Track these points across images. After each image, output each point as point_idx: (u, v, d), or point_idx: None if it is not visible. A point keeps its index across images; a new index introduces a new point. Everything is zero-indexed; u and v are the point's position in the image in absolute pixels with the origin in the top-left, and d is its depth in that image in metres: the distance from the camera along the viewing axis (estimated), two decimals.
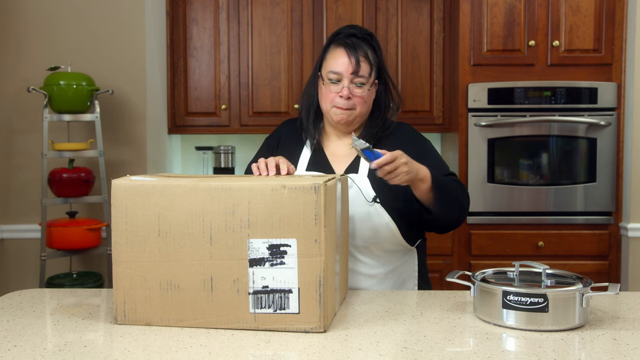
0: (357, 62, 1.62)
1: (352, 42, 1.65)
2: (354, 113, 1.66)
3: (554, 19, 3.15)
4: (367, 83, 1.64)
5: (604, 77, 3.16)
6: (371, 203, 1.60)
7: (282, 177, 1.39)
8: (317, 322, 1.19)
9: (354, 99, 1.64)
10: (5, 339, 1.17)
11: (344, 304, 1.43)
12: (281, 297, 1.20)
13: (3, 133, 3.08)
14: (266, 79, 3.47)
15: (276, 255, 1.19)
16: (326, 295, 1.20)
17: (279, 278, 1.19)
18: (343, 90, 1.63)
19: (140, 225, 1.24)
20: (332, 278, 1.27)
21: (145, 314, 1.25)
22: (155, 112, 3.27)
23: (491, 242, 3.17)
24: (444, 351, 1.10)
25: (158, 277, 1.24)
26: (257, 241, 1.19)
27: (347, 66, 1.62)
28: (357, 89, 1.64)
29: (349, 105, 1.64)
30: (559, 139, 3.16)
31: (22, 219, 3.09)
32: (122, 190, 1.25)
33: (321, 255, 1.18)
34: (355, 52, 1.63)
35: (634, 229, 3.09)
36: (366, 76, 1.63)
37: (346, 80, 1.63)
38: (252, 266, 1.20)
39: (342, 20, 3.43)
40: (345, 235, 1.45)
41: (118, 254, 1.25)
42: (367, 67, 1.64)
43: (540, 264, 1.32)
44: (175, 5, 3.46)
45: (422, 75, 3.46)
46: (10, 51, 3.07)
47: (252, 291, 1.20)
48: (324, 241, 1.18)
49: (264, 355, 1.09)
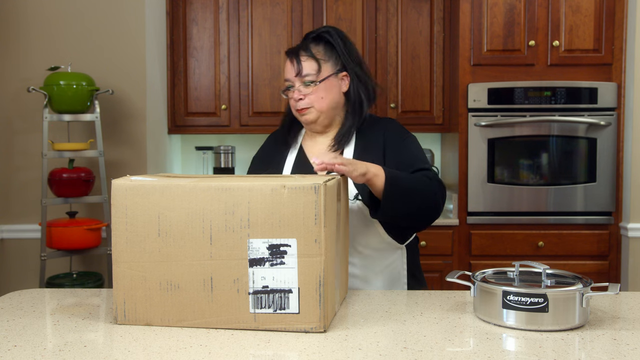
0: (298, 62, 1.68)
1: (295, 47, 1.72)
2: (313, 111, 1.69)
3: (554, 19, 3.15)
4: (317, 79, 1.67)
5: (604, 77, 3.16)
6: (353, 200, 1.61)
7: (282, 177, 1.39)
8: (317, 322, 1.19)
9: (307, 98, 1.68)
10: (5, 339, 1.18)
11: (344, 303, 1.43)
12: (281, 297, 1.20)
13: (3, 133, 3.08)
14: (266, 79, 3.47)
15: (276, 255, 1.19)
16: (326, 295, 1.20)
17: (279, 278, 1.19)
18: (295, 93, 1.69)
19: (140, 225, 1.24)
20: (332, 278, 1.27)
21: (145, 314, 1.25)
22: (155, 112, 3.27)
23: (491, 242, 3.17)
24: (444, 351, 1.10)
25: (158, 277, 1.23)
26: (257, 241, 1.19)
27: (290, 70, 1.69)
28: (306, 88, 1.68)
29: (304, 105, 1.68)
30: (559, 139, 3.16)
31: (22, 219, 3.09)
32: (122, 191, 1.25)
33: (321, 255, 1.18)
34: (296, 55, 1.69)
35: (634, 229, 3.09)
36: (313, 73, 1.67)
37: (296, 83, 1.69)
38: (252, 266, 1.20)
39: (342, 20, 3.44)
40: (344, 235, 1.45)
41: (118, 254, 1.25)
42: (311, 65, 1.67)
43: (540, 264, 1.32)
44: (175, 5, 3.46)
45: (422, 75, 3.46)
46: (10, 51, 3.07)
47: (252, 291, 1.20)
48: (324, 241, 1.18)
49: (264, 355, 1.09)
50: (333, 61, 1.69)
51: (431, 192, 1.54)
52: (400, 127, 1.76)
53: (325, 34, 1.71)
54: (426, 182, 1.54)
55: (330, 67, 1.69)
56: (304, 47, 1.70)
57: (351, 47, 1.73)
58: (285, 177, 1.37)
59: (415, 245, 1.77)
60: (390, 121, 1.77)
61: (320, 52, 1.69)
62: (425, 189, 1.53)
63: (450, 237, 3.18)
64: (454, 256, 3.19)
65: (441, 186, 1.58)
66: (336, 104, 1.71)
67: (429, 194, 1.53)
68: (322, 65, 1.67)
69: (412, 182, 1.52)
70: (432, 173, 1.60)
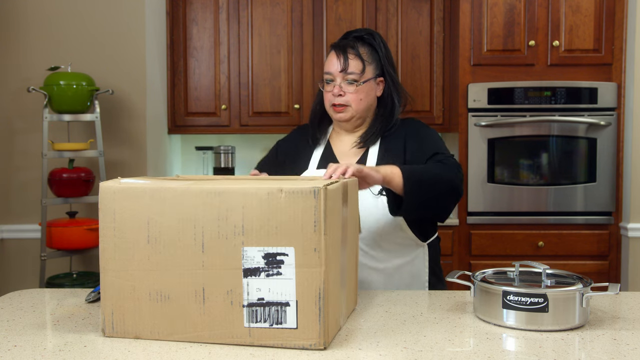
0: (345, 59, 1.68)
1: (342, 43, 1.72)
2: (350, 110, 1.71)
3: (554, 19, 3.15)
4: (360, 79, 1.68)
5: (604, 77, 3.16)
6: (377, 195, 1.63)
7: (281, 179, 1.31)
8: (317, 339, 1.09)
9: (347, 95, 1.69)
10: (5, 339, 1.17)
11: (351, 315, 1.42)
12: (277, 311, 1.10)
13: (3, 133, 3.08)
14: (266, 79, 3.47)
15: (272, 265, 1.09)
16: (327, 309, 1.10)
17: (275, 290, 1.09)
18: (334, 88, 1.70)
19: (129, 231, 1.15)
20: (336, 290, 1.17)
21: (134, 326, 1.16)
22: (155, 112, 3.27)
23: (491, 242, 3.17)
24: (444, 351, 1.10)
25: (147, 287, 1.15)
26: (252, 249, 1.10)
27: (336, 65, 1.70)
28: (348, 86, 1.69)
29: (342, 101, 1.70)
30: (559, 139, 3.16)
31: (22, 219, 3.09)
32: (110, 194, 1.16)
33: (321, 266, 1.08)
34: (344, 51, 1.70)
35: (634, 229, 3.08)
36: (357, 73, 1.68)
37: (338, 78, 1.70)
38: (247, 276, 1.10)
39: (342, 20, 3.43)
40: (353, 243, 1.35)
41: (106, 262, 1.17)
42: (357, 64, 1.68)
43: (540, 264, 1.32)
44: (175, 5, 3.46)
45: (422, 75, 3.46)
46: (10, 51, 3.07)
47: (247, 303, 1.11)
48: (324, 250, 1.08)
49: (263, 355, 1.09)
50: (375, 65, 1.72)
51: (447, 176, 1.55)
52: (421, 123, 1.79)
53: (370, 36, 1.73)
54: (441, 167, 1.57)
55: (372, 70, 1.71)
56: (351, 45, 1.70)
57: (390, 53, 1.77)
58: (285, 180, 1.26)
59: (437, 245, 1.80)
60: (412, 121, 1.80)
61: (366, 54, 1.71)
62: (441, 174, 1.55)
63: (450, 237, 3.18)
64: (454, 256, 3.19)
65: (457, 168, 1.60)
66: (371, 106, 1.74)
67: (446, 179, 1.55)
68: (366, 67, 1.70)
69: (428, 171, 1.55)
70: (446, 157, 1.63)
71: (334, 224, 1.14)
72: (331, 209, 1.12)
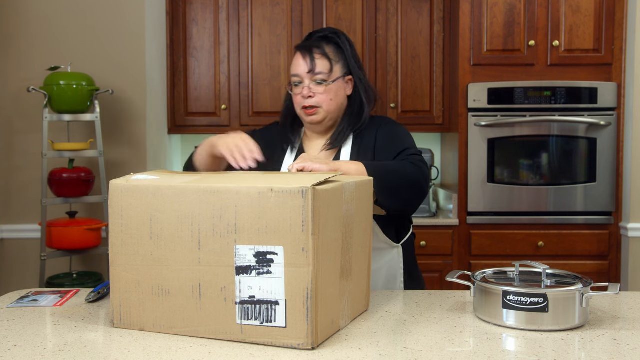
0: (312, 60, 1.66)
1: (307, 43, 1.71)
2: (321, 111, 1.68)
3: (554, 19, 3.15)
4: (329, 79, 1.67)
5: (604, 77, 3.16)
6: None
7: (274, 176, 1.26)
8: (305, 339, 1.09)
9: (317, 97, 1.67)
10: (5, 339, 1.17)
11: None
12: (268, 309, 1.11)
13: (3, 133, 3.08)
14: (266, 79, 3.47)
15: (263, 264, 1.11)
16: (315, 310, 1.09)
17: (266, 288, 1.11)
18: (303, 90, 1.68)
19: (134, 228, 1.20)
20: (330, 290, 1.16)
21: (139, 318, 1.22)
22: (155, 112, 3.27)
23: (491, 242, 3.17)
24: (444, 351, 1.10)
25: (150, 282, 1.20)
26: (244, 247, 1.12)
27: (303, 67, 1.68)
28: (317, 87, 1.67)
29: (312, 103, 1.67)
30: (559, 139, 3.16)
31: (22, 219, 3.09)
32: (118, 192, 1.22)
33: (309, 266, 1.07)
34: (310, 52, 1.68)
35: (634, 229, 3.08)
36: (325, 72, 1.66)
37: (306, 80, 1.68)
38: (239, 274, 1.12)
39: (342, 20, 3.43)
40: (364, 244, 1.33)
41: (114, 256, 1.23)
42: (324, 64, 1.67)
43: (540, 264, 1.32)
44: (175, 5, 3.46)
45: (422, 75, 3.46)
46: (11, 51, 3.07)
47: (239, 301, 1.13)
48: (312, 250, 1.07)
49: (263, 355, 1.09)
50: (342, 63, 1.70)
51: (409, 170, 1.53)
52: (392, 121, 1.77)
53: (334, 35, 1.71)
54: (404, 163, 1.55)
55: (340, 69, 1.70)
56: (316, 45, 1.69)
57: (356, 52, 1.75)
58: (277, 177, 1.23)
59: (411, 244, 1.77)
60: (383, 118, 1.78)
61: (332, 53, 1.69)
62: (403, 168, 1.53)
63: (450, 237, 3.18)
64: (454, 256, 3.19)
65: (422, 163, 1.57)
66: (342, 106, 1.72)
67: (408, 172, 1.53)
68: (333, 66, 1.68)
69: (388, 165, 1.53)
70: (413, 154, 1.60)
71: (328, 224, 1.14)
72: (323, 209, 1.11)
